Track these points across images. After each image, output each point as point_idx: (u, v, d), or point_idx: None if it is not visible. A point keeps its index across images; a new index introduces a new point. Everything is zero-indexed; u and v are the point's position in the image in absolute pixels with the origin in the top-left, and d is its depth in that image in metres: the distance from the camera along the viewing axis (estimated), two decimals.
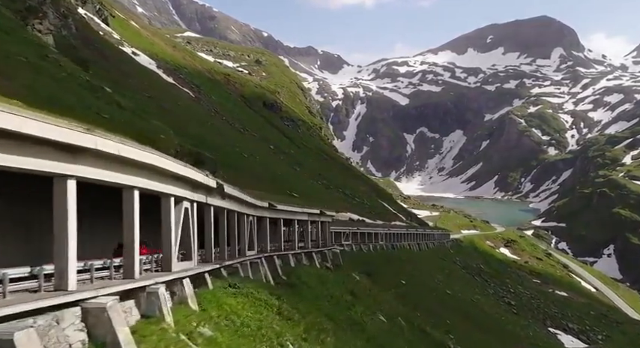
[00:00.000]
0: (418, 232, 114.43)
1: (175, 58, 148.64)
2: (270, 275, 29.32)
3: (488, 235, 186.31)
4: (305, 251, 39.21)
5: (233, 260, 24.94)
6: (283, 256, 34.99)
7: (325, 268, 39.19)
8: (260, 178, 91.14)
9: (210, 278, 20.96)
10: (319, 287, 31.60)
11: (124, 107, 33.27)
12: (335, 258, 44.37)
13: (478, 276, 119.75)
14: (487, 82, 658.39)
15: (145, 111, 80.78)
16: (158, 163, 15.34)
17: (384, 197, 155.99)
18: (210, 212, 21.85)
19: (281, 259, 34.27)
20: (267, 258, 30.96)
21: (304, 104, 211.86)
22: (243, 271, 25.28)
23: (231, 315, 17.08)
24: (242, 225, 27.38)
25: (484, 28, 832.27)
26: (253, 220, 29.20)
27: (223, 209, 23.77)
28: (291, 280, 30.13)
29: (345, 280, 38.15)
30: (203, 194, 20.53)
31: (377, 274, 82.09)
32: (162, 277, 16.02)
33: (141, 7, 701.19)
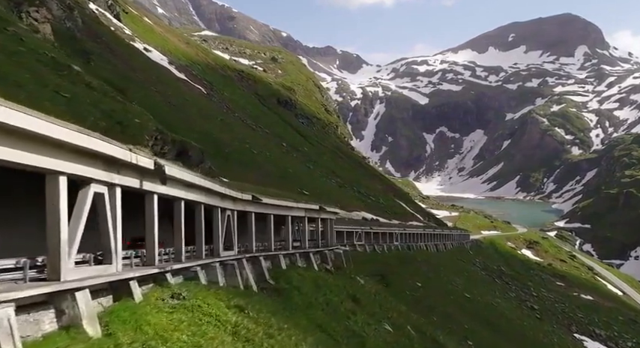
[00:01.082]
0: (436, 233, 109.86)
1: (188, 55, 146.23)
2: (255, 279, 25.68)
3: (510, 236, 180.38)
4: (301, 251, 35.35)
5: (193, 262, 20.94)
6: (273, 257, 31.17)
7: (325, 270, 35.37)
8: (269, 175, 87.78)
9: (150, 287, 16.97)
10: (314, 293, 27.79)
11: (94, 88, 30.02)
12: (337, 259, 40.39)
13: (499, 278, 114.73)
14: (508, 80, 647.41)
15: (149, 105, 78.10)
16: (31, 126, 10.63)
17: (401, 197, 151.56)
18: (153, 202, 17.55)
19: (270, 261, 30.61)
20: (250, 259, 27.32)
21: (320, 102, 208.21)
22: (209, 275, 21.50)
23: (152, 341, 12.35)
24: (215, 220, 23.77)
25: (505, 26, 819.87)
26: (232, 215, 25.54)
27: (179, 200, 19.76)
28: (279, 285, 26.39)
29: (346, 284, 34.23)
30: (133, 177, 16.06)
31: (391, 276, 77.96)
32: (26, 291, 10.84)
33: (161, 8, 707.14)
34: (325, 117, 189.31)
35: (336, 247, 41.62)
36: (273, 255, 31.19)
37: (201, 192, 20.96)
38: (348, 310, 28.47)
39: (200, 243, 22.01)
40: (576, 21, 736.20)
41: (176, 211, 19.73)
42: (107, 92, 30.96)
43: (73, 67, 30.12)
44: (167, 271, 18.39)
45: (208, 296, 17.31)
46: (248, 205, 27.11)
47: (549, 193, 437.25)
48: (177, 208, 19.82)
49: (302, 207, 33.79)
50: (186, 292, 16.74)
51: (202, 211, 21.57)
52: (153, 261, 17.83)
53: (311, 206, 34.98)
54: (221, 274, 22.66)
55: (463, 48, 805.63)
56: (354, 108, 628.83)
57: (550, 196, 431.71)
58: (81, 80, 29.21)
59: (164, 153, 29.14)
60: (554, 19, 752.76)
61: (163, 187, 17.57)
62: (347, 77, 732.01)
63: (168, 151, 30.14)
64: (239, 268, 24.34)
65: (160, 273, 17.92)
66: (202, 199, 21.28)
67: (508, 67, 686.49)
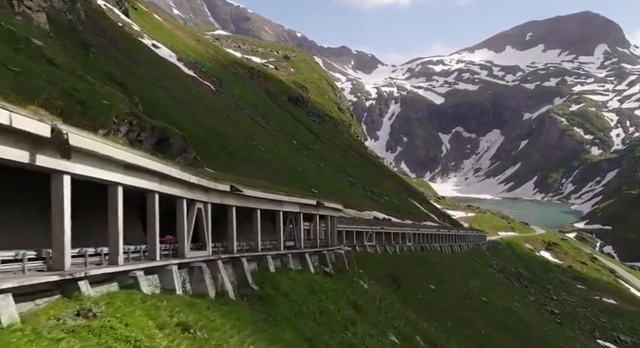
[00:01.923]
0: (451, 233, 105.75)
1: (198, 52, 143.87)
2: (235, 284, 22.33)
3: (528, 238, 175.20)
4: (294, 252, 31.73)
5: (134, 265, 17.08)
6: (259, 258, 27.61)
7: (323, 273, 31.86)
8: (276, 172, 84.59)
9: (52, 300, 12.89)
10: (306, 299, 24.29)
11: (57, 65, 27.01)
12: (339, 261, 36.74)
13: (517, 281, 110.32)
14: (526, 80, 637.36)
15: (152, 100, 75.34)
16: None
17: (415, 196, 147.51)
18: (61, 184, 13.37)
19: (256, 263, 27.17)
20: (230, 261, 24.13)
21: (333, 101, 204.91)
22: (164, 281, 18.05)
23: None
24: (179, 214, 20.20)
25: (523, 25, 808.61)
26: (204, 209, 22.06)
27: (114, 185, 15.83)
28: (264, 291, 22.93)
29: (347, 289, 30.64)
30: (15, 147, 11.76)
31: (402, 278, 74.27)
32: None
33: (177, 9, 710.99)
34: (338, 115, 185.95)
35: (337, 248, 37.94)
36: (260, 256, 27.67)
37: (151, 177, 17.42)
38: (346, 320, 25.01)
39: (153, 241, 18.46)
40: (596, 19, 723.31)
41: (110, 199, 16.06)
42: (74, 71, 27.95)
43: (33, 41, 27.16)
44: (79, 278, 14.05)
45: (134, 312, 13.49)
46: (226, 198, 23.72)
47: (568, 194, 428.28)
48: (111, 194, 16.12)
49: (296, 201, 30.32)
50: (104, 306, 12.92)
51: (156, 202, 18.05)
52: (62, 264, 13.75)
53: (307, 201, 31.47)
54: (181, 279, 19.11)
55: (480, 47, 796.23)
56: (369, 108, 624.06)
57: (569, 196, 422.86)
58: (41, 55, 26.26)
59: (140, 140, 26.08)
60: (573, 18, 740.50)
61: (81, 165, 13.73)
62: (362, 77, 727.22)
63: (145, 138, 27.07)
64: (211, 271, 20.93)
65: (67, 280, 13.73)
66: (155, 187, 17.79)
67: (526, 66, 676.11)
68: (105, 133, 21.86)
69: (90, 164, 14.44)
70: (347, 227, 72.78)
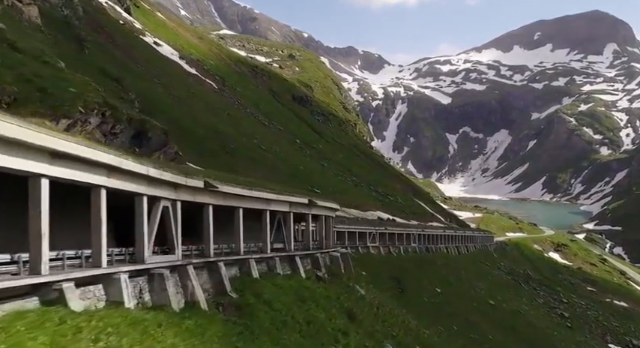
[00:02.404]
0: (457, 234, 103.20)
1: (201, 50, 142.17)
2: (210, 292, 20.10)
3: (536, 239, 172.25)
4: (283, 255, 29.17)
5: (62, 275, 14.11)
6: (241, 262, 25.28)
7: (315, 278, 29.54)
8: (277, 172, 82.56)
9: None
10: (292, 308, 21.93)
11: (19, 49, 24.99)
12: (334, 264, 34.32)
13: (525, 283, 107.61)
14: (534, 79, 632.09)
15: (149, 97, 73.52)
16: None
17: (420, 196, 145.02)
18: None
19: (238, 267, 24.93)
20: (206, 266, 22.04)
21: (339, 100, 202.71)
22: (113, 291, 15.36)
23: None
24: (138, 213, 17.85)
25: (531, 24, 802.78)
26: (172, 207, 19.61)
27: (36, 176, 13.30)
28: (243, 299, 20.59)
29: (341, 295, 28.29)
30: None
31: (407, 280, 72.00)
32: None
33: (184, 10, 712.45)
34: (343, 115, 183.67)
35: (333, 250, 35.54)
36: (242, 260, 25.33)
37: (93, 168, 15.05)
38: (337, 330, 22.75)
39: (98, 244, 15.84)
40: (605, 18, 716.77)
41: (31, 194, 13.43)
42: (39, 57, 25.92)
43: None
44: None
45: (36, 338, 10.33)
46: (200, 195, 21.41)
47: (577, 195, 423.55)
48: (32, 188, 13.45)
49: (285, 200, 28.01)
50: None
51: (102, 198, 15.71)
52: None
53: (297, 199, 29.16)
54: (135, 289, 16.72)
55: (487, 47, 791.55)
56: (376, 108, 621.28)
57: (578, 197, 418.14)
58: (2, 39, 24.28)
59: (115, 133, 24.02)
60: (582, 17, 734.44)
61: None
62: (368, 78, 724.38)
63: (121, 131, 24.99)
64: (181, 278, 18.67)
65: None
66: (101, 181, 15.46)
67: (534, 65, 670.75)
68: (70, 124, 19.84)
69: None
70: (349, 228, 70.58)
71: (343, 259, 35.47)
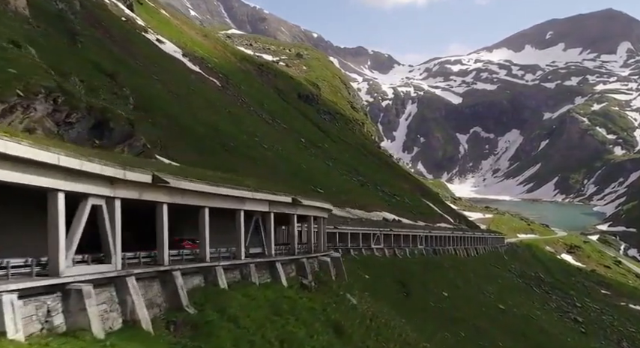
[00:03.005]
0: (466, 236, 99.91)
1: (205, 48, 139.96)
2: (162, 308, 17.02)
3: (549, 240, 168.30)
4: (261, 261, 25.74)
5: None
6: (206, 270, 21.71)
7: (300, 286, 26.60)
8: (278, 171, 79.92)
9: None
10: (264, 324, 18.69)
11: None
12: (323, 270, 31.09)
13: (537, 287, 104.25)
14: (546, 79, 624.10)
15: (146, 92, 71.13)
16: None
17: (429, 196, 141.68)
18: None
19: (202, 277, 21.52)
20: (156, 277, 18.67)
21: (347, 99, 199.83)
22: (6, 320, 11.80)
23: None
24: (51, 214, 14.46)
25: (543, 23, 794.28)
26: (108, 207, 16.54)
27: None
28: (203, 316, 17.38)
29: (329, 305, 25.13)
30: None
31: (412, 284, 69.01)
32: None
33: (194, 11, 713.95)
34: (351, 114, 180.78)
35: (324, 254, 32.34)
36: (208, 267, 21.80)
37: None
38: None
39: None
40: (619, 17, 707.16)
41: None
42: None
43: None
44: None
45: None
46: (150, 192, 18.22)
47: (590, 195, 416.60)
48: None
49: (263, 198, 24.79)
50: None
51: None
52: None
53: (278, 198, 26.01)
54: (39, 311, 13.48)
55: (498, 47, 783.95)
56: (385, 108, 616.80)
57: (591, 198, 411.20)
58: None
59: (70, 123, 21.19)
60: (595, 15, 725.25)
61: None
62: (378, 78, 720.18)
63: (77, 121, 22.13)
64: (117, 293, 15.46)
65: None
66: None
67: (546, 65, 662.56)
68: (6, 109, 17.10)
69: None
70: (352, 229, 67.81)
71: (335, 264, 32.17)
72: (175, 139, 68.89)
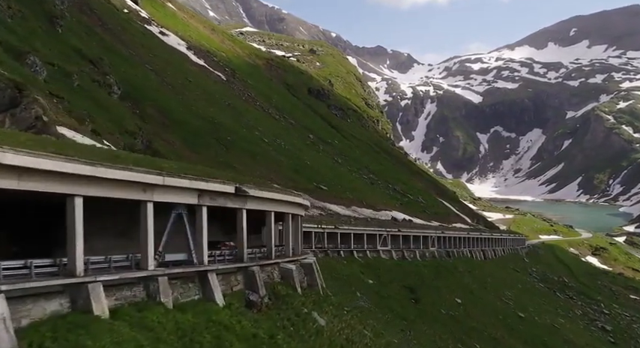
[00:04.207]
0: (483, 237, 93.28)
1: (212, 42, 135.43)
2: None
3: (573, 242, 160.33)
4: (180, 272, 19.14)
5: None
6: (74, 288, 14.83)
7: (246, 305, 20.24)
8: (279, 166, 74.58)
9: None
10: None
11: None
12: (286, 281, 24.54)
13: (561, 292, 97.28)
14: (570, 77, 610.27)
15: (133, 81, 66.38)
16: None
17: (445, 196, 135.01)
18: None
19: (68, 298, 14.83)
20: None
21: (361, 96, 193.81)
22: None
23: None
24: None
25: (567, 20, 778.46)
26: None
27: None
28: None
29: (282, 330, 18.85)
30: None
31: (422, 290, 63.00)
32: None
33: (213, 12, 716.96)
34: (365, 110, 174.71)
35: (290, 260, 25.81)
36: (77, 285, 15.03)
37: None
38: None
39: None
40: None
41: None
42: None
43: None
44: None
45: None
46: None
47: (616, 196, 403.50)
48: None
49: (187, 186, 18.52)
50: None
51: None
52: None
53: (213, 186, 19.63)
54: None
55: (520, 44, 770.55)
56: (404, 108, 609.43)
57: (617, 198, 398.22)
58: None
59: None
60: (621, 12, 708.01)
61: None
62: (397, 77, 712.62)
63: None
64: None
65: None
66: None
67: (569, 62, 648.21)
68: None
69: None
70: (355, 229, 62.11)
71: (306, 271, 25.82)
72: (165, 131, 64.04)
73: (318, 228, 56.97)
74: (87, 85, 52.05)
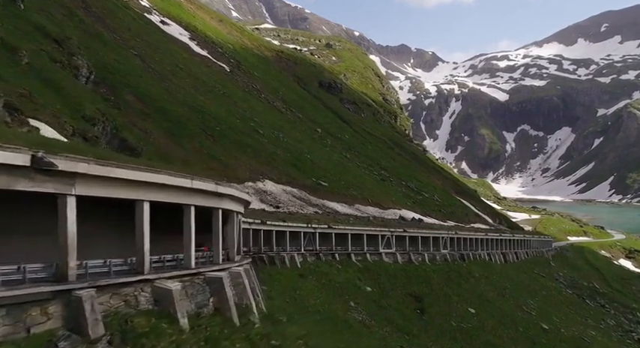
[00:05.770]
0: (503, 238, 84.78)
1: (218, 33, 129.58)
2: None
3: (604, 244, 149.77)
4: None
5: None
6: None
7: None
8: (273, 159, 67.80)
9: None
10: None
11: None
12: (160, 305, 14.95)
13: (591, 299, 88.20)
14: (601, 73, 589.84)
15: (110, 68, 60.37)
16: None
17: (465, 195, 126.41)
18: None
19: None
20: None
21: (379, 91, 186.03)
22: None
23: None
24: None
25: (598, 15, 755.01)
26: None
27: None
28: None
29: None
30: None
31: (430, 298, 55.41)
32: None
33: (235, 12, 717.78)
34: (382, 106, 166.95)
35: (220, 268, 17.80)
36: None
37: None
38: None
39: None
40: None
41: None
42: None
43: None
44: None
45: None
46: None
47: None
48: None
49: None
50: None
51: None
52: None
53: None
54: None
55: (548, 41, 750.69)
56: (428, 107, 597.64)
57: None
58: None
59: None
60: None
61: None
62: (421, 76, 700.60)
63: None
64: None
65: None
66: None
67: (600, 59, 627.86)
68: None
69: None
70: (352, 229, 54.93)
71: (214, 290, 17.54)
72: (144, 119, 57.74)
73: (308, 227, 50.02)
74: (41, 65, 46.00)
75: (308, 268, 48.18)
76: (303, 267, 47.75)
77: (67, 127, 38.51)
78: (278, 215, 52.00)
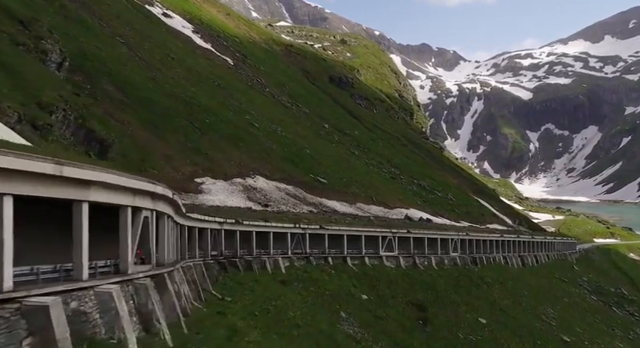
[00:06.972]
0: (522, 240, 78.35)
1: (225, 26, 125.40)
2: None
3: (633, 246, 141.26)
4: None
5: None
6: None
7: None
8: (267, 154, 62.82)
9: None
10: None
11: None
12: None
13: (618, 307, 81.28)
14: (628, 71, 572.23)
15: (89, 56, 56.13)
16: None
17: (483, 194, 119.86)
18: None
19: None
20: None
21: (394, 87, 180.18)
22: None
23: None
24: None
25: (626, 12, 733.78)
26: None
27: None
28: None
29: None
30: None
31: (435, 307, 49.78)
32: None
33: (255, 12, 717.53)
34: (397, 102, 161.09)
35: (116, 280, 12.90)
36: None
37: None
38: None
39: None
40: None
41: None
42: None
43: None
44: None
45: None
46: None
47: None
48: None
49: None
50: None
51: None
52: None
53: None
54: None
55: (574, 38, 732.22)
56: (449, 106, 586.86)
57: None
58: None
59: None
60: None
61: None
62: (442, 75, 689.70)
63: None
64: None
65: None
66: None
67: (628, 56, 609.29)
68: None
69: None
70: (349, 230, 49.61)
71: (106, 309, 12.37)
72: (122, 110, 53.22)
73: (296, 228, 44.84)
74: (9, 50, 41.97)
75: (294, 274, 43.04)
76: (288, 272, 42.63)
77: (10, 113, 33.97)
78: (264, 214, 47.01)
